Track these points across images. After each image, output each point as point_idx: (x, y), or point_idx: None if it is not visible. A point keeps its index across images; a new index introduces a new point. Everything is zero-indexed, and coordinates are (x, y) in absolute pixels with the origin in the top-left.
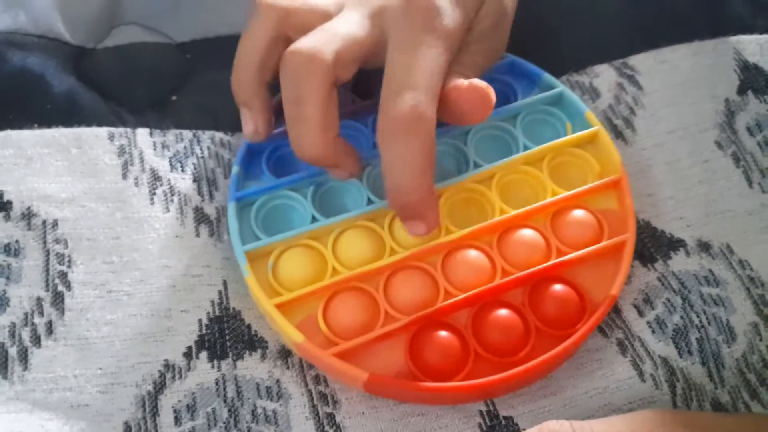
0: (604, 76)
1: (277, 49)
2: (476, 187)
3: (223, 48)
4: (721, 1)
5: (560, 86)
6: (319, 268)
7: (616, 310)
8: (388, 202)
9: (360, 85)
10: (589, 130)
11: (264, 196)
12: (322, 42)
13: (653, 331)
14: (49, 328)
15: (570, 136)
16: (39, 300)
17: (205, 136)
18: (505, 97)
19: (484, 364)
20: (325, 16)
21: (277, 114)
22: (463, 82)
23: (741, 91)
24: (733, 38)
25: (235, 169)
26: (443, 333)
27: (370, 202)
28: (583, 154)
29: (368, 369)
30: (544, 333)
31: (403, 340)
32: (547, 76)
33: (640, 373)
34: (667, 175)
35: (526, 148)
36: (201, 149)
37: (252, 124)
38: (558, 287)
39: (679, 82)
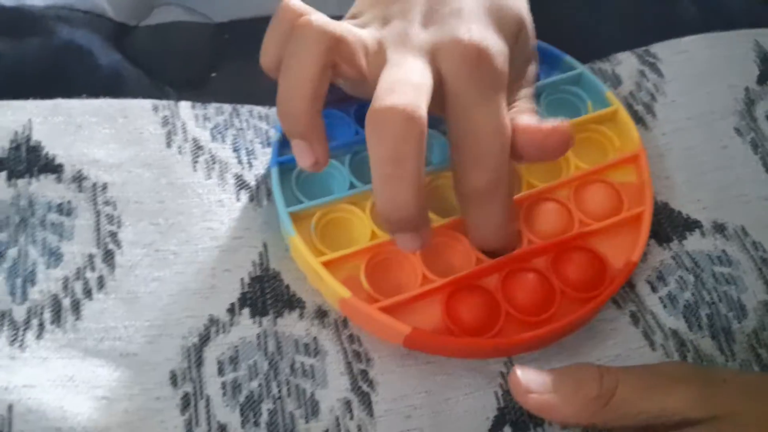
0: (626, 63)
1: (326, 77)
2: None
3: (259, 29)
4: None
5: (581, 67)
6: (358, 232)
7: (630, 285)
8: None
9: None
10: (609, 107)
11: None
12: (414, 98)
13: (665, 306)
14: (101, 283)
15: (591, 114)
16: (91, 256)
17: (244, 109)
18: None
19: (513, 323)
20: (365, 47)
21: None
22: (539, 125)
23: (761, 80)
24: (753, 30)
25: (276, 136)
26: (476, 293)
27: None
28: (604, 130)
29: (408, 324)
30: (570, 296)
31: (440, 300)
32: (569, 58)
33: (651, 343)
34: (685, 159)
35: None
36: (240, 121)
37: (312, 156)
38: (581, 254)
39: (698, 71)
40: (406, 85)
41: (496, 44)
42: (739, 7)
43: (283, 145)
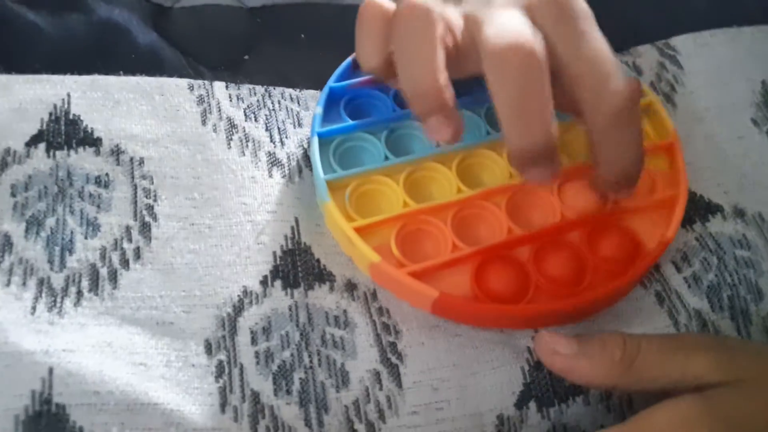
0: (646, 55)
1: (444, 52)
2: None
3: (290, 14)
4: None
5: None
6: (390, 202)
7: (655, 265)
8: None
9: None
10: (644, 99)
11: (342, 135)
12: (526, 32)
13: (689, 286)
14: (137, 254)
15: None
16: (128, 228)
17: (276, 91)
18: None
19: (544, 294)
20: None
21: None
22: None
23: None
24: None
25: (318, 110)
26: (506, 263)
27: (438, 146)
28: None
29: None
30: (602, 270)
31: (469, 269)
32: None
33: (675, 323)
34: (705, 147)
35: None
36: (272, 102)
37: (452, 126)
38: (615, 230)
39: (717, 64)
40: (514, 27)
41: None
42: (754, 2)
43: (323, 120)
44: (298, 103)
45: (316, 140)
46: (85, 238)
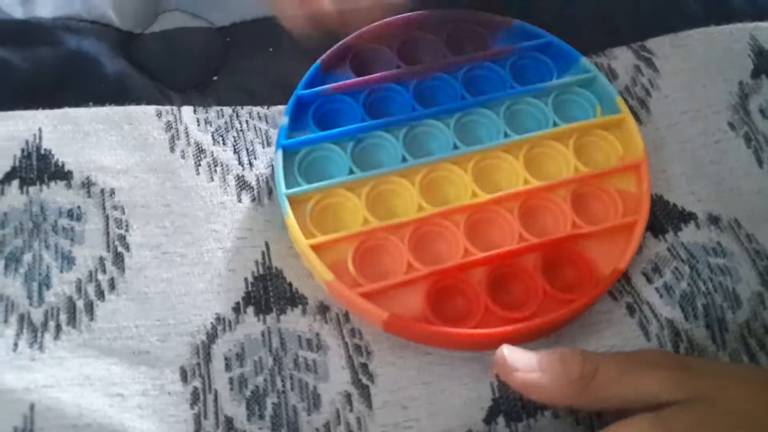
0: (621, 58)
1: None
2: (505, 156)
3: (259, 30)
4: None
5: (594, 70)
6: (351, 217)
7: (626, 278)
8: None
9: (404, 49)
10: (616, 115)
11: (308, 147)
12: None
13: (661, 296)
14: (112, 284)
15: (597, 119)
16: (101, 259)
17: (244, 111)
18: (540, 75)
19: (492, 318)
20: None
21: (331, 64)
22: None
23: (755, 74)
24: (751, 24)
25: (284, 120)
26: (459, 285)
27: (404, 160)
28: (609, 136)
29: (389, 311)
30: (551, 296)
31: (423, 289)
32: (584, 60)
33: (646, 333)
34: (679, 153)
35: (555, 125)
36: (240, 123)
37: None
38: (569, 257)
39: (694, 65)
40: None
41: None
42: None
43: (291, 128)
44: (267, 121)
45: (280, 154)
46: (61, 271)
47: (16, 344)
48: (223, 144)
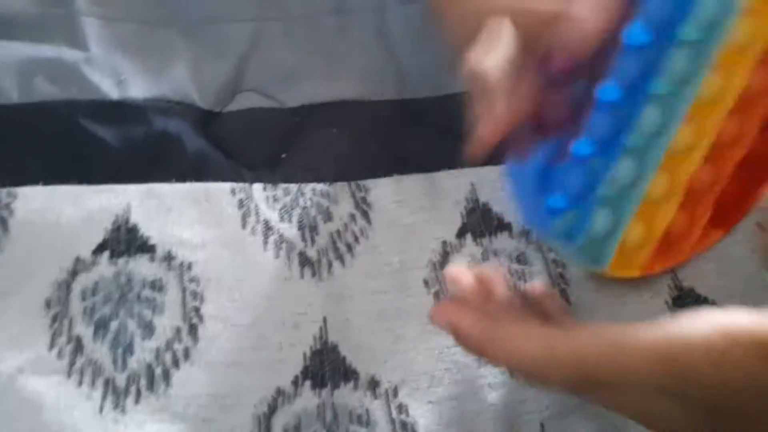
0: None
1: None
2: None
3: (326, 112)
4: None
5: None
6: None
7: None
8: None
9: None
10: None
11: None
12: None
13: None
14: (186, 354)
15: None
16: (178, 329)
17: (308, 188)
18: None
19: None
20: None
21: None
22: None
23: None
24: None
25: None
26: None
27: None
28: None
29: None
30: None
31: None
32: None
33: None
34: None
35: None
36: (304, 200)
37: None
38: None
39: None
40: None
41: None
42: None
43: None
44: (329, 197)
45: None
46: (142, 339)
47: (101, 407)
48: (289, 221)
